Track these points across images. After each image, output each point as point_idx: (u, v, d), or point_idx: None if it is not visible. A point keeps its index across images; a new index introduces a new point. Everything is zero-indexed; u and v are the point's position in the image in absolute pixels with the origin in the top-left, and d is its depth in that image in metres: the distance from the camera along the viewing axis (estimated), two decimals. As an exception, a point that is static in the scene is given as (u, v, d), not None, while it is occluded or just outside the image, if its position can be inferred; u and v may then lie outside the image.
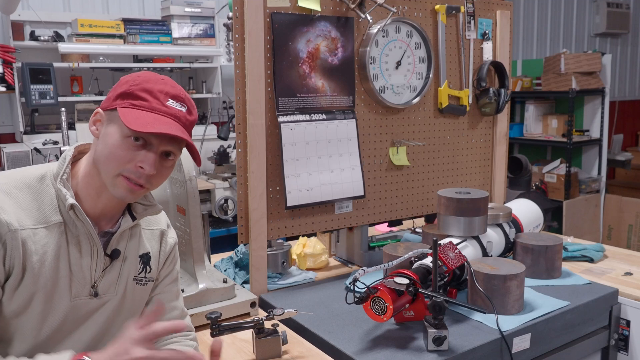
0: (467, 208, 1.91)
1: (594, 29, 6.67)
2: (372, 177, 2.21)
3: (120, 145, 1.12)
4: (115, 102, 1.14)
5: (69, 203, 1.13)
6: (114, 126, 1.14)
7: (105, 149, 1.13)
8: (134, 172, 1.13)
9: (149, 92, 1.14)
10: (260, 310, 1.81)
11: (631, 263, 2.24)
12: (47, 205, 1.14)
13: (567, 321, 1.78)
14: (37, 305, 1.14)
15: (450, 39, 2.36)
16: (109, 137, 1.13)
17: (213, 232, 3.43)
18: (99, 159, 1.15)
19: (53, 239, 1.14)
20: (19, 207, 1.11)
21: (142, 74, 1.18)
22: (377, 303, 1.51)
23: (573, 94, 4.75)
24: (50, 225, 1.14)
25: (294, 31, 1.95)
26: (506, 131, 2.59)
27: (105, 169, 1.14)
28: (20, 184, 1.14)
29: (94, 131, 1.17)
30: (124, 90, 1.14)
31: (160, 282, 1.36)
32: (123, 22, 3.71)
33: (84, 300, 1.20)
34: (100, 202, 1.19)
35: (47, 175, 1.17)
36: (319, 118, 2.03)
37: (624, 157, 6.18)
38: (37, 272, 1.12)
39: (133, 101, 1.13)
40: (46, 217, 1.14)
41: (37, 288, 1.12)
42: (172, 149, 1.16)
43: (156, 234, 1.34)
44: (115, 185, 1.14)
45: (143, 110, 1.13)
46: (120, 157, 1.12)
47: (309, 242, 2.22)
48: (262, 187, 1.91)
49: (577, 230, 4.84)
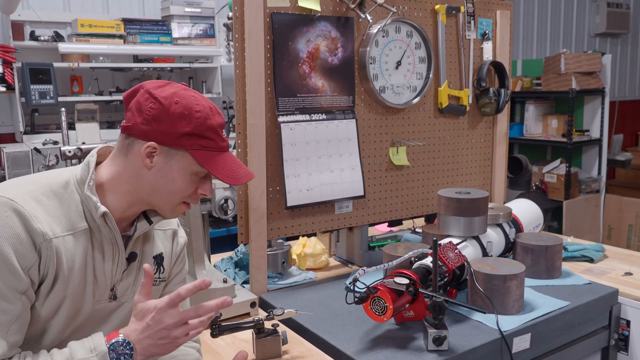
0: (467, 208, 1.91)
1: (594, 29, 6.67)
2: (372, 177, 2.21)
3: (188, 181, 1.19)
4: (181, 142, 1.15)
5: (101, 211, 1.14)
6: (179, 164, 1.17)
7: (171, 185, 1.18)
8: (195, 198, 1.23)
9: (212, 130, 1.18)
10: (260, 310, 1.81)
11: (631, 263, 2.24)
12: (73, 211, 1.14)
13: (567, 321, 1.78)
14: (65, 310, 1.15)
15: (450, 39, 2.36)
16: (173, 174, 1.17)
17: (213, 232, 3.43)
18: (158, 190, 1.18)
19: (80, 246, 1.14)
20: (49, 215, 1.11)
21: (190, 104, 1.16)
22: (377, 303, 1.51)
23: (573, 94, 4.75)
24: (77, 232, 1.14)
25: (294, 31, 1.95)
26: (506, 131, 2.59)
27: (167, 200, 1.20)
28: (47, 191, 1.14)
29: (148, 163, 1.16)
30: (190, 131, 1.15)
31: (171, 281, 1.38)
32: (123, 22, 3.71)
33: (104, 304, 1.21)
34: (128, 211, 1.21)
35: (70, 181, 1.17)
36: (319, 118, 2.03)
37: (624, 157, 6.18)
38: (67, 279, 1.12)
39: (203, 142, 1.17)
40: (73, 224, 1.14)
41: (66, 294, 1.13)
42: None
43: (169, 234, 1.36)
44: (174, 211, 1.23)
45: (213, 151, 1.19)
46: (185, 191, 1.20)
47: (309, 242, 2.22)
48: (262, 187, 1.91)
49: (577, 230, 4.84)
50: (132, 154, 1.17)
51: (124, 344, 1.07)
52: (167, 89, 1.16)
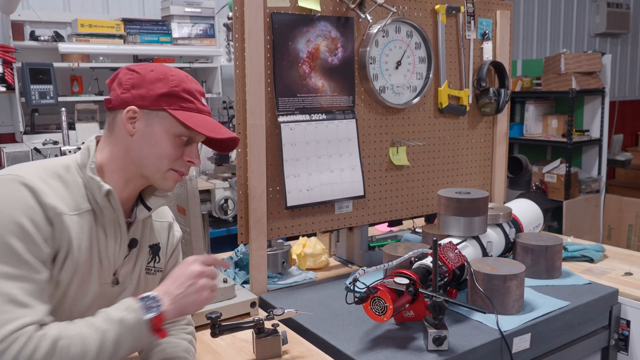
0: (467, 208, 1.91)
1: (594, 29, 6.67)
2: (372, 177, 2.21)
3: (172, 143, 1.21)
4: (159, 103, 1.19)
5: (105, 189, 1.17)
6: (160, 125, 1.20)
7: (156, 148, 1.20)
8: (184, 166, 1.24)
9: (189, 93, 1.22)
10: (260, 310, 1.81)
11: (631, 263, 2.24)
12: (76, 193, 1.17)
13: (567, 321, 1.78)
14: (73, 290, 1.17)
15: (450, 39, 2.36)
16: (157, 136, 1.20)
17: (213, 232, 3.43)
18: (145, 156, 1.20)
19: (86, 226, 1.17)
20: (55, 194, 1.14)
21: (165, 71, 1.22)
22: (377, 303, 1.51)
23: (573, 94, 4.75)
24: (81, 212, 1.16)
25: (294, 31, 1.95)
26: (506, 131, 2.59)
27: (156, 166, 1.21)
28: (51, 173, 1.16)
29: (130, 129, 1.20)
30: (167, 92, 1.20)
31: (167, 275, 1.38)
32: (123, 22, 3.71)
33: (108, 288, 1.24)
34: (125, 191, 1.24)
35: (71, 165, 1.19)
36: (319, 118, 2.03)
37: (624, 157, 6.19)
38: (76, 257, 1.15)
39: (181, 103, 1.21)
40: (78, 205, 1.16)
41: (75, 272, 1.16)
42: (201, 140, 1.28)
43: (165, 226, 1.39)
44: (165, 179, 1.23)
45: (192, 112, 1.22)
46: (171, 155, 1.21)
47: (309, 242, 2.22)
48: (262, 187, 1.91)
49: (577, 230, 4.84)
50: (116, 126, 1.22)
51: (152, 297, 1.14)
52: (145, 64, 1.25)
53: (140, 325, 1.11)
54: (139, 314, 1.11)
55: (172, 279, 1.19)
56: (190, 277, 1.18)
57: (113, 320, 1.09)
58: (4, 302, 1.00)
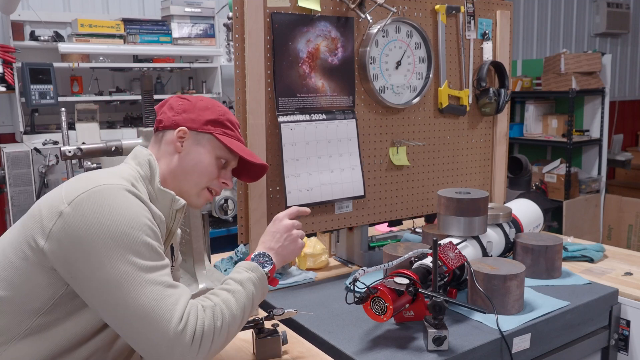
0: (467, 208, 1.91)
1: (594, 29, 6.67)
2: (372, 177, 2.21)
3: (213, 164, 1.37)
4: (207, 127, 1.36)
5: (181, 204, 1.32)
6: (205, 148, 1.36)
7: (199, 166, 1.36)
8: (218, 186, 1.40)
9: (232, 124, 1.41)
10: (260, 310, 1.81)
11: (631, 263, 2.24)
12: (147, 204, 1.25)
13: (567, 321, 1.78)
14: None
15: (450, 39, 2.36)
16: (200, 155, 1.35)
17: (213, 232, 3.43)
18: (188, 172, 1.35)
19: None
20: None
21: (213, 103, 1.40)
22: (377, 303, 1.51)
23: (573, 94, 4.75)
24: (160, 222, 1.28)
25: (294, 31, 1.95)
26: (506, 131, 2.59)
27: (196, 182, 1.37)
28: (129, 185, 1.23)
29: (178, 147, 1.35)
30: (214, 119, 1.37)
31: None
32: (123, 22, 3.71)
33: None
34: None
35: (137, 177, 1.29)
36: (319, 118, 2.03)
37: (624, 157, 6.19)
38: None
39: (225, 130, 1.38)
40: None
41: None
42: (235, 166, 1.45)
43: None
44: (199, 195, 1.38)
45: (234, 139, 1.40)
46: (211, 173, 1.37)
47: (309, 242, 2.22)
48: (262, 187, 1.91)
49: (577, 230, 4.84)
50: (164, 143, 1.36)
51: (261, 255, 1.35)
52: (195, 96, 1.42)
53: (263, 278, 1.31)
54: (260, 270, 1.31)
55: (269, 236, 1.39)
56: (285, 231, 1.39)
57: (243, 281, 1.27)
58: (164, 288, 1.13)
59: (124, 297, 1.09)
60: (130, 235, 1.12)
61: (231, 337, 1.23)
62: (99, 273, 1.10)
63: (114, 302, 1.10)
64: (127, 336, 1.13)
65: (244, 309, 1.24)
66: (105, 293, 1.10)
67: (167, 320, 1.09)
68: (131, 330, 1.11)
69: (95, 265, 1.10)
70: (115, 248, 1.10)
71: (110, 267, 1.10)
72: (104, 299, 1.11)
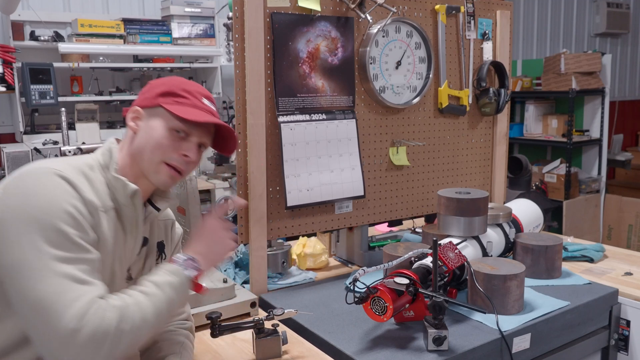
0: (467, 208, 1.91)
1: (594, 29, 6.67)
2: (372, 177, 2.21)
3: (166, 136, 1.25)
4: (157, 100, 1.27)
5: (132, 189, 1.23)
6: (158, 120, 1.26)
7: (151, 140, 1.25)
8: (177, 159, 1.26)
9: (187, 92, 1.28)
10: (260, 310, 1.81)
11: (631, 263, 2.24)
12: (101, 191, 1.21)
13: (567, 321, 1.78)
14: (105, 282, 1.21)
15: (450, 39, 2.36)
16: (153, 130, 1.25)
17: (213, 232, 3.42)
18: (142, 149, 1.25)
19: (112, 223, 1.22)
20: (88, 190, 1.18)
21: (173, 78, 1.31)
22: (377, 303, 1.51)
23: (573, 94, 4.75)
24: (107, 210, 1.21)
25: (294, 31, 1.95)
26: (506, 131, 2.59)
27: (150, 158, 1.25)
28: (78, 170, 1.19)
29: (133, 126, 1.28)
30: (165, 90, 1.27)
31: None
32: (123, 22, 3.71)
33: (123, 283, 1.29)
34: None
35: (94, 165, 1.24)
36: (319, 118, 2.03)
37: (624, 157, 6.18)
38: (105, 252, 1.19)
39: (176, 98, 1.27)
40: (104, 203, 1.20)
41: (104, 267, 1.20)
42: (206, 141, 1.32)
43: (168, 224, 1.45)
44: (158, 172, 1.26)
45: (186, 106, 1.27)
46: (166, 146, 1.25)
47: (309, 242, 2.22)
48: (262, 187, 1.91)
49: (577, 230, 4.84)
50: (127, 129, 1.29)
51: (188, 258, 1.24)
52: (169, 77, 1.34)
53: (185, 284, 1.21)
54: (183, 274, 1.21)
55: (197, 240, 1.28)
56: (211, 233, 1.29)
57: (162, 285, 1.17)
58: (69, 282, 1.04)
59: (24, 285, 1.03)
60: (42, 221, 1.06)
61: (141, 340, 1.13)
62: (7, 257, 1.05)
63: (16, 289, 1.04)
64: (26, 330, 1.08)
65: (158, 314, 1.14)
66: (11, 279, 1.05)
67: (59, 316, 1.01)
68: (27, 322, 1.05)
69: (5, 249, 1.05)
70: (25, 232, 1.05)
71: (17, 251, 1.04)
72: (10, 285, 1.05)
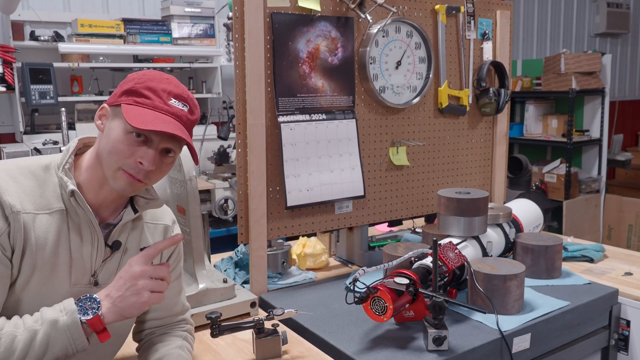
0: (467, 208, 1.91)
1: (594, 29, 6.67)
2: (372, 177, 2.21)
3: (122, 140, 1.15)
4: (120, 99, 1.18)
5: (69, 189, 1.16)
6: (117, 121, 1.17)
7: (108, 143, 1.17)
8: (133, 167, 1.16)
9: (152, 91, 1.17)
10: (260, 310, 1.81)
11: (631, 263, 2.24)
12: (50, 192, 1.18)
13: (567, 321, 1.78)
14: (35, 285, 1.16)
15: (450, 39, 2.36)
16: (112, 131, 1.17)
17: (213, 232, 3.43)
18: (102, 152, 1.18)
19: (54, 225, 1.17)
20: (23, 192, 1.15)
21: (148, 73, 1.21)
22: (377, 303, 1.51)
23: (573, 94, 4.75)
24: (52, 211, 1.17)
25: (294, 31, 1.95)
26: (506, 131, 2.59)
27: (107, 162, 1.17)
28: (25, 171, 1.18)
29: (99, 125, 1.20)
30: (129, 88, 1.18)
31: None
32: (123, 22, 3.71)
33: (85, 288, 1.22)
34: (101, 193, 1.22)
35: (51, 165, 1.20)
36: (319, 118, 2.03)
37: (624, 157, 6.18)
38: (34, 255, 1.15)
39: (137, 98, 1.17)
40: (49, 204, 1.17)
41: (35, 269, 1.15)
42: (172, 147, 1.20)
43: (160, 229, 1.36)
44: (115, 178, 1.18)
45: (145, 107, 1.16)
46: (121, 151, 1.15)
47: (309, 242, 2.22)
48: (262, 187, 1.91)
49: (577, 230, 4.84)
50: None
51: (91, 299, 1.13)
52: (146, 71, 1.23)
53: (75, 326, 1.09)
54: (74, 316, 1.10)
55: (115, 281, 1.16)
56: (130, 279, 1.15)
57: (45, 321, 1.09)
58: None
59: None
60: None
61: None
62: None
63: None
64: None
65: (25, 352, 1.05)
66: None
67: None
68: None
69: None
70: None
71: None
72: None
